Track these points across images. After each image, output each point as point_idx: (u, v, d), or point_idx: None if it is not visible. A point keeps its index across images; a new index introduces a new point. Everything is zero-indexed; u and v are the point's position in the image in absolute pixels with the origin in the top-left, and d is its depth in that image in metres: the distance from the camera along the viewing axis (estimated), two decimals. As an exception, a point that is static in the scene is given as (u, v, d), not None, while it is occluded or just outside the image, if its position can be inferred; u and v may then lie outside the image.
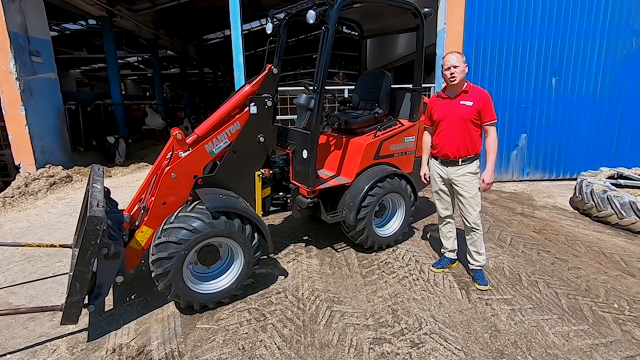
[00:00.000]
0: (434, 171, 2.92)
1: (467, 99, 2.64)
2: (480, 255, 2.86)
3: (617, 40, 5.57)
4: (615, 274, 3.03)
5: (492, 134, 2.66)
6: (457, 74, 2.59)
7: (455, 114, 2.67)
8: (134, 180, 6.39)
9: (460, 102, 2.65)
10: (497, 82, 5.65)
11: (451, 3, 5.41)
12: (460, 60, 2.59)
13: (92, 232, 2.00)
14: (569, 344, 2.20)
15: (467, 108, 2.62)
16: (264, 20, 14.09)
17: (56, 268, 3.20)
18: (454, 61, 2.60)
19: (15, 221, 4.43)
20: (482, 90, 2.67)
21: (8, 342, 2.26)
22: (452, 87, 2.68)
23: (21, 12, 5.74)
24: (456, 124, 2.67)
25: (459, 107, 2.65)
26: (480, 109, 2.60)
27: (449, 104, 2.71)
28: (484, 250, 2.87)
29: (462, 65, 2.59)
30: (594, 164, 5.58)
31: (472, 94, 2.64)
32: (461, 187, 2.75)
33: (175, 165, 2.61)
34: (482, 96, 2.62)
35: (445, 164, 2.81)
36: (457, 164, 2.73)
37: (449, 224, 3.04)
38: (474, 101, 2.61)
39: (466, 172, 2.72)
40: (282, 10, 3.35)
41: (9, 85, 5.58)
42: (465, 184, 2.74)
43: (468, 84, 2.69)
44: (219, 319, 2.46)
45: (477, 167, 2.74)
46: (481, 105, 2.59)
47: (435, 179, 2.94)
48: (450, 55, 2.64)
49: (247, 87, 2.93)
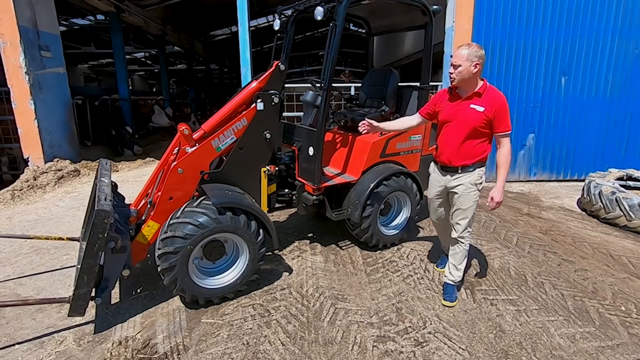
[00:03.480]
0: (433, 177, 2.66)
1: (478, 103, 2.29)
2: (457, 271, 2.62)
3: (628, 40, 5.48)
4: (622, 277, 3.00)
5: (505, 146, 2.32)
6: (456, 75, 2.27)
7: (462, 118, 2.34)
8: (141, 175, 6.44)
9: (471, 105, 2.31)
10: (506, 82, 5.59)
11: (460, 1, 5.36)
12: (464, 58, 2.22)
13: (99, 225, 2.02)
14: (574, 346, 2.19)
15: (477, 114, 2.28)
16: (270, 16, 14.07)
17: (64, 261, 3.23)
18: (456, 59, 2.26)
19: (23, 214, 4.48)
20: (498, 95, 2.30)
21: (17, 333, 2.29)
22: (459, 86, 2.37)
23: (31, 7, 5.78)
24: (461, 129, 2.35)
25: (468, 111, 2.31)
26: (493, 117, 2.25)
27: (458, 105, 2.38)
28: (463, 266, 2.63)
29: (467, 64, 2.21)
30: (603, 165, 5.51)
31: (486, 98, 2.29)
32: (457, 198, 2.47)
33: (182, 160, 2.62)
34: (496, 102, 2.26)
35: (445, 171, 2.52)
36: (456, 172, 2.44)
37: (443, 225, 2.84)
38: (486, 107, 2.26)
39: (465, 181, 2.42)
40: (289, 7, 3.34)
41: (19, 80, 5.63)
42: (462, 195, 2.44)
43: (485, 83, 2.32)
44: (223, 314, 2.47)
45: (479, 177, 2.42)
46: (494, 112, 2.25)
47: (432, 184, 2.67)
48: (457, 50, 2.28)
49: (254, 83, 2.93)
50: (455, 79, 2.29)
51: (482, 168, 2.44)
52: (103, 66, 20.54)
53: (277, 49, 3.41)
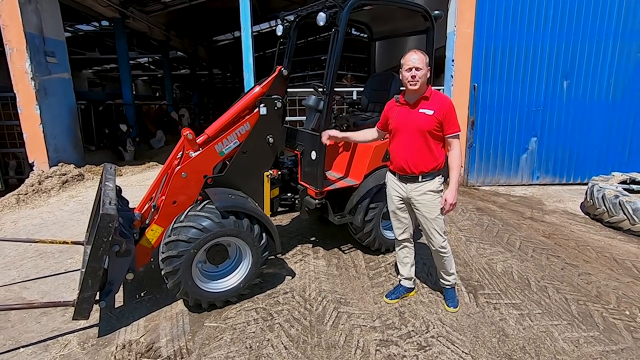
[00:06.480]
0: (391, 187, 2.55)
1: (427, 107, 2.29)
2: (450, 275, 2.59)
3: (630, 44, 5.49)
4: (627, 281, 2.99)
5: (455, 148, 2.32)
6: (419, 78, 2.24)
7: (413, 123, 2.32)
8: (144, 179, 6.48)
9: (420, 110, 2.31)
10: (508, 85, 5.61)
11: (461, 5, 5.39)
12: (423, 61, 2.25)
13: (104, 229, 2.04)
14: (578, 350, 2.18)
15: (427, 117, 2.27)
16: (273, 22, 14.18)
17: (68, 264, 3.25)
18: (417, 62, 2.23)
19: (28, 218, 4.52)
20: (444, 98, 2.35)
21: (21, 336, 2.31)
22: (412, 92, 2.33)
23: (37, 13, 5.87)
24: (414, 135, 2.32)
25: (418, 116, 2.31)
26: (442, 119, 2.26)
27: (407, 112, 2.37)
28: (454, 270, 2.60)
29: (425, 68, 2.25)
30: (606, 169, 5.50)
31: (433, 101, 2.30)
32: (422, 208, 2.41)
33: (185, 164, 2.65)
34: (443, 104, 2.28)
35: (404, 180, 2.43)
36: (416, 180, 2.38)
37: (406, 248, 2.70)
38: (435, 110, 2.26)
39: (428, 190, 2.37)
40: (292, 13, 3.38)
41: (25, 85, 5.71)
42: (426, 204, 2.39)
43: (429, 89, 2.35)
44: (226, 318, 2.48)
45: (440, 184, 2.40)
46: (443, 114, 2.25)
47: (392, 196, 2.56)
48: (412, 54, 2.26)
49: (257, 88, 2.96)
50: (418, 82, 2.26)
51: (440, 176, 2.42)
52: (107, 71, 20.72)
53: (280, 54, 3.44)
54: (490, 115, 5.70)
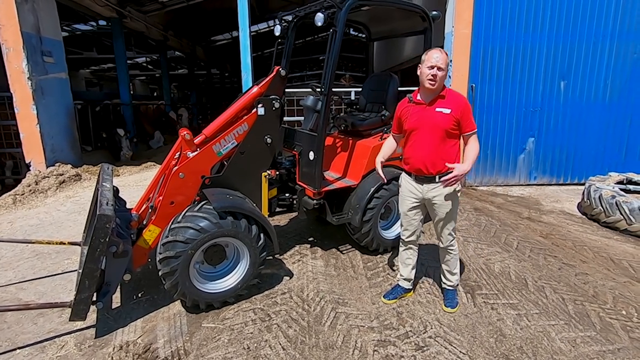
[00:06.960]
0: (406, 189, 2.51)
1: (444, 106, 2.27)
2: (453, 275, 2.61)
3: (627, 44, 5.51)
4: (623, 281, 3.00)
5: (473, 142, 2.32)
6: (439, 79, 2.23)
7: (430, 122, 2.29)
8: (142, 179, 6.46)
9: (437, 109, 2.28)
10: (505, 86, 5.62)
11: (459, 6, 5.40)
12: (445, 62, 2.22)
13: (101, 230, 2.03)
14: (575, 350, 2.18)
15: (444, 116, 2.25)
16: (271, 22, 14.17)
17: (65, 265, 3.24)
18: (440, 61, 2.20)
19: (25, 218, 4.50)
20: (459, 96, 2.34)
21: (18, 337, 2.30)
22: (429, 91, 2.29)
23: (34, 13, 5.84)
24: (431, 134, 2.30)
25: (435, 114, 2.28)
26: (459, 117, 2.25)
27: (424, 110, 2.33)
28: (457, 270, 2.63)
29: (446, 69, 2.24)
30: (603, 169, 5.52)
31: (449, 99, 2.29)
32: (438, 208, 2.41)
33: (183, 165, 2.64)
34: (460, 103, 2.27)
35: (421, 181, 2.41)
36: (433, 180, 2.35)
37: (411, 249, 2.69)
38: (452, 108, 2.25)
39: (445, 190, 2.35)
40: (290, 13, 3.38)
41: (21, 85, 5.68)
42: (443, 204, 2.39)
43: (445, 87, 2.34)
44: (224, 319, 2.47)
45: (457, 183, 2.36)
46: (460, 113, 2.24)
47: (406, 197, 2.53)
48: (436, 52, 2.23)
49: (255, 88, 2.95)
50: (436, 82, 2.23)
51: None
52: (105, 71, 20.64)
53: (277, 54, 3.44)
54: (487, 116, 5.72)
